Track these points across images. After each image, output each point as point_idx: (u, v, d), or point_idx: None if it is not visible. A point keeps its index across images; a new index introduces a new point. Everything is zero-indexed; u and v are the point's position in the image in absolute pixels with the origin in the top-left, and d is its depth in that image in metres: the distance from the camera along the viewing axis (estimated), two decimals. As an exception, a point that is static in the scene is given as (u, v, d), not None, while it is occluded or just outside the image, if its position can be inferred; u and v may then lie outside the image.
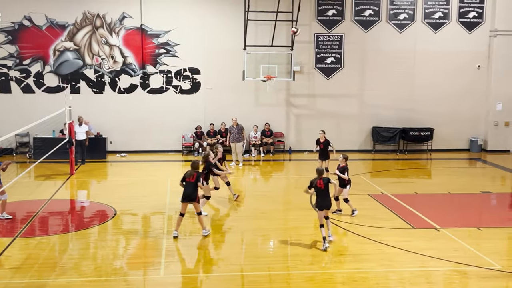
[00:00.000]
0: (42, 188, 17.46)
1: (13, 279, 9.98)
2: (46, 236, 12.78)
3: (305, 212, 14.65)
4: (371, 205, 15.54)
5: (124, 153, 23.22)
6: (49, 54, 22.88)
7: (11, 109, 22.59)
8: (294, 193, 17.21)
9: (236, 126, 21.35)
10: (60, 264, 10.84)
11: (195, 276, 10.51)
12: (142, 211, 14.70)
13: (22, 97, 22.88)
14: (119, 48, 23.17)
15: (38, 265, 10.77)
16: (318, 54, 24.13)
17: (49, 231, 13.27)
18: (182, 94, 23.73)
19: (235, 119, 21.46)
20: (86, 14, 22.87)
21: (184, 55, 23.46)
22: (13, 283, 9.84)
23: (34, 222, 13.79)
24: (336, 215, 14.26)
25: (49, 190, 17.06)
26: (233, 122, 21.47)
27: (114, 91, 23.41)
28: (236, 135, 21.31)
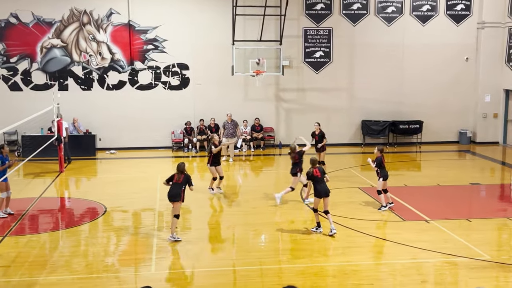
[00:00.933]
0: (31, 186, 17.35)
1: (2, 278, 9.93)
2: (37, 234, 12.72)
3: (296, 206, 14.67)
4: (361, 198, 15.59)
5: (114, 150, 23.12)
6: (36, 51, 22.71)
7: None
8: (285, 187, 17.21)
9: (231, 122, 21.29)
10: (50, 262, 10.81)
11: (186, 271, 10.51)
12: (133, 207, 14.66)
13: (10, 95, 22.70)
14: (106, 44, 23.03)
15: (29, 263, 10.72)
16: (307, 48, 24.12)
17: (39, 229, 13.21)
18: (171, 90, 23.66)
19: (230, 115, 21.40)
20: (73, 11, 22.71)
21: (172, 50, 23.37)
22: (3, 281, 9.79)
23: (24, 220, 13.72)
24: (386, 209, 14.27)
25: (38, 188, 16.97)
26: (228, 117, 21.41)
27: (103, 88, 23.29)
28: (231, 130, 21.25)
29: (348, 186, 16.69)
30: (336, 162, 20.63)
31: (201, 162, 21.49)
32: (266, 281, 10.00)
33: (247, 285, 9.81)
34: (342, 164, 20.53)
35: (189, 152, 23.16)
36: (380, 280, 10.02)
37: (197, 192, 16.30)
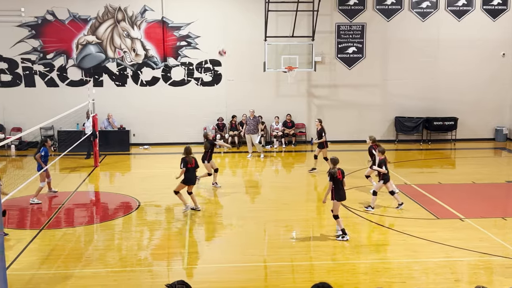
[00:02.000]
0: (67, 180, 17.69)
1: (40, 270, 10.16)
2: (72, 227, 12.97)
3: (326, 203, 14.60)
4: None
5: (147, 146, 23.39)
6: (72, 48, 23.11)
7: (36, 103, 22.90)
8: (316, 184, 17.18)
9: (253, 118, 21.27)
10: (85, 255, 11.01)
11: (218, 266, 10.58)
12: (165, 202, 14.81)
13: (46, 91, 23.17)
14: (140, 41, 23.30)
15: (64, 256, 10.94)
16: (340, 44, 23.96)
17: (74, 222, 13.47)
18: (204, 86, 23.80)
19: (252, 111, 21.39)
20: (108, 8, 23.03)
21: (205, 47, 23.49)
22: (40, 273, 10.02)
23: (60, 213, 14.00)
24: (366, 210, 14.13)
25: (74, 182, 17.30)
26: (250, 113, 21.40)
27: (137, 84, 23.57)
28: (252, 126, 21.18)
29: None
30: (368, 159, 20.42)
31: (233, 158, 21.60)
32: (297, 277, 9.99)
33: (278, 281, 9.82)
34: (374, 161, 20.31)
35: (221, 148, 23.25)
36: (413, 278, 9.92)
37: (228, 188, 16.43)
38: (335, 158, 12.13)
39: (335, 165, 11.93)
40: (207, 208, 14.50)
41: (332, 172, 11.78)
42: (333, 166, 11.93)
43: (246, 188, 16.94)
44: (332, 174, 11.77)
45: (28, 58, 22.97)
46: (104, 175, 18.79)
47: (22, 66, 22.97)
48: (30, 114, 22.43)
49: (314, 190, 16.68)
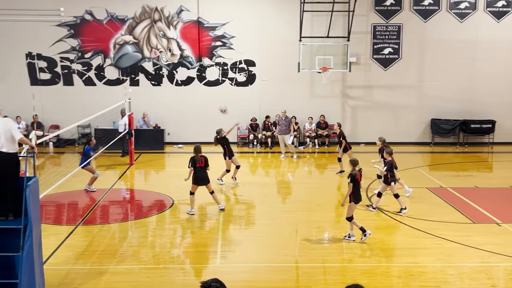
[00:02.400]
0: (103, 177, 17.95)
1: (75, 265, 10.35)
2: (107, 224, 13.18)
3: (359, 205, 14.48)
4: (429, 198, 15.22)
5: (181, 145, 23.60)
6: (109, 47, 23.50)
7: (73, 101, 23.34)
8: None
9: (285, 118, 21.18)
10: (120, 252, 11.16)
11: (251, 265, 10.60)
12: (199, 201, 14.90)
13: (84, 90, 23.60)
14: (176, 41, 23.53)
15: (99, 252, 11.13)
16: (375, 45, 23.74)
17: (109, 219, 13.68)
18: (238, 86, 23.90)
19: (284, 111, 21.29)
20: (145, 8, 23.33)
21: (239, 47, 23.58)
22: (76, 268, 10.21)
23: (96, 210, 14.25)
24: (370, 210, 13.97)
25: (109, 179, 17.58)
26: (282, 114, 21.32)
27: (172, 83, 23.82)
28: (284, 127, 21.09)
29: (416, 186, 16.31)
30: (404, 162, 20.19)
31: (266, 158, 21.63)
32: (329, 279, 9.94)
33: (310, 282, 9.79)
34: (409, 163, 20.09)
35: (254, 148, 23.33)
36: (447, 283, 9.76)
37: (262, 187, 16.46)
38: (355, 160, 12.04)
39: (355, 167, 11.82)
40: (239, 208, 14.57)
41: (353, 174, 11.67)
42: (353, 168, 11.81)
43: (278, 188, 16.95)
44: (353, 176, 11.65)
45: (67, 57, 23.44)
46: (139, 173, 19.04)
47: (61, 65, 23.45)
48: (67, 112, 22.87)
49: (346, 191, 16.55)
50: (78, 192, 15.68)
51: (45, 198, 13.42)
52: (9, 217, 8.51)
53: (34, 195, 8.50)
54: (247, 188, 16.38)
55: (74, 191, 15.75)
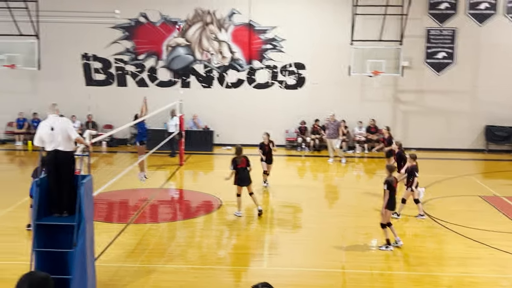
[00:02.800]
0: (153, 177, 18.29)
1: (125, 263, 10.57)
2: (156, 223, 13.41)
3: (409, 212, 14.24)
4: (482, 207, 14.80)
5: (230, 146, 23.74)
6: (162, 49, 23.92)
7: (127, 101, 23.80)
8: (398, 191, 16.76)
9: (334, 122, 20.99)
10: (168, 251, 11.33)
11: (296, 270, 10.56)
12: (246, 203, 14.96)
13: (137, 91, 24.05)
14: (227, 43, 23.73)
15: (148, 251, 11.33)
16: (429, 49, 23.28)
17: (159, 218, 13.92)
18: (287, 89, 23.89)
19: (332, 115, 21.03)
20: (197, 11, 23.64)
21: (290, 50, 23.58)
22: (126, 266, 10.42)
23: (145, 209, 14.52)
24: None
25: (159, 179, 17.88)
26: (330, 117, 21.09)
27: (222, 85, 24.03)
28: (332, 130, 20.85)
29: (468, 194, 15.90)
30: (456, 169, 19.75)
31: (314, 162, 21.53)
32: (376, 286, 9.81)
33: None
34: (462, 170, 19.61)
35: (302, 151, 23.27)
36: (500, 295, 9.48)
37: (309, 190, 16.39)
38: (392, 166, 11.89)
39: (392, 173, 11.61)
40: (286, 211, 14.55)
41: (390, 181, 11.44)
42: (389, 174, 11.58)
43: (326, 192, 16.85)
44: (390, 182, 11.42)
45: (121, 58, 23.99)
46: (188, 174, 19.30)
47: (115, 66, 24.03)
48: (120, 112, 23.35)
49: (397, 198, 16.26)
50: (129, 191, 16.01)
51: (97, 196, 13.76)
52: (64, 214, 8.78)
53: (88, 193, 8.74)
54: (294, 192, 16.34)
55: (125, 189, 16.07)
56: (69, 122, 9.15)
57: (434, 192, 16.36)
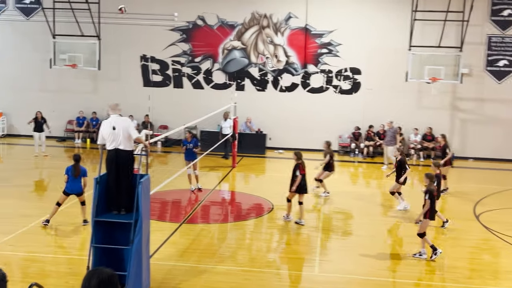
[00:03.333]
0: (206, 178, 18.52)
1: (178, 262, 10.75)
2: (208, 224, 13.58)
3: (466, 223, 13.89)
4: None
5: (282, 150, 23.78)
6: (218, 52, 24.19)
7: (182, 103, 24.24)
8: (455, 202, 16.37)
9: (391, 129, 20.65)
10: (219, 252, 11.45)
11: (347, 277, 10.47)
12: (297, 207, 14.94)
13: (192, 92, 24.46)
14: (283, 47, 23.78)
15: (200, 251, 11.48)
16: (490, 56, 22.64)
17: (210, 219, 14.09)
18: (342, 94, 23.71)
19: (390, 122, 20.73)
20: (254, 14, 23.80)
21: (346, 55, 23.41)
22: (178, 265, 10.60)
23: (198, 210, 14.72)
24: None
25: (212, 180, 18.09)
26: (387, 124, 20.82)
27: (276, 89, 24.09)
28: (389, 137, 20.57)
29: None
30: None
31: (367, 168, 21.27)
32: (429, 298, 9.62)
33: (408, 299, 9.52)
34: (521, 182, 18.95)
35: (355, 157, 23.05)
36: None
37: (362, 197, 16.20)
38: (431, 174, 11.55)
39: (432, 182, 11.31)
40: (338, 217, 14.45)
41: (431, 190, 11.15)
42: (430, 182, 11.28)
43: (378, 200, 16.61)
44: (431, 191, 11.13)
45: (178, 60, 24.42)
46: (240, 176, 19.43)
47: (172, 68, 24.48)
48: (176, 113, 23.81)
49: (453, 207, 15.89)
50: (182, 191, 16.27)
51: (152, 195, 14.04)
52: (122, 212, 9.03)
53: (146, 192, 8.96)
54: (346, 198, 16.20)
55: (178, 190, 16.34)
56: (130, 122, 9.39)
57: (492, 203, 15.89)
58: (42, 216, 12.70)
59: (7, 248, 11.16)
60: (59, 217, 12.77)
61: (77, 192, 12.70)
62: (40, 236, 12.01)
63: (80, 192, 12.71)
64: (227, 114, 21.55)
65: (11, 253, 10.97)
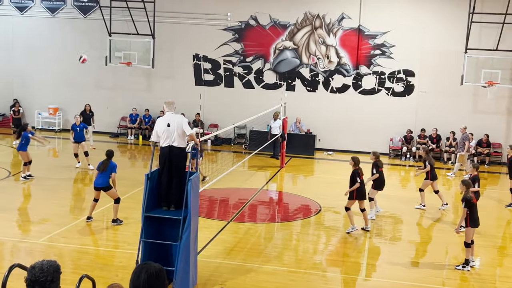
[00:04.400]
0: (254, 178, 18.61)
1: (224, 260, 10.84)
2: (255, 223, 13.63)
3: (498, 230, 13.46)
4: None
5: (331, 152, 23.61)
6: (269, 52, 24.23)
7: (233, 102, 24.40)
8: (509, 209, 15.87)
9: (463, 135, 19.91)
10: (265, 252, 11.48)
11: (396, 282, 10.29)
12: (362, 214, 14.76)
13: (243, 92, 24.58)
14: (335, 48, 23.60)
15: (247, 250, 11.55)
16: (551, 60, 21.80)
17: (257, 218, 14.14)
18: (394, 96, 23.34)
19: (463, 127, 20.01)
20: (307, 15, 23.72)
21: (399, 56, 23.01)
22: (225, 263, 10.69)
23: (245, 209, 14.80)
24: None
25: (260, 180, 18.14)
26: (461, 130, 20.11)
27: (327, 90, 23.93)
28: (460, 144, 19.94)
29: None
30: None
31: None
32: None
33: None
34: None
35: (406, 161, 22.64)
36: None
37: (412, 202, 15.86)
38: (468, 181, 11.11)
39: (468, 189, 10.86)
40: (387, 221, 14.22)
41: (468, 198, 10.70)
42: (466, 190, 10.82)
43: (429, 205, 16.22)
44: (468, 199, 10.69)
45: (230, 60, 24.59)
46: (288, 176, 19.41)
47: (223, 67, 24.68)
48: (226, 112, 23.98)
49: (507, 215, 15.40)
50: (231, 190, 16.39)
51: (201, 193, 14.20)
52: (171, 208, 9.17)
53: (195, 189, 9.07)
54: (396, 202, 15.92)
55: (227, 188, 16.46)
56: (184, 119, 9.54)
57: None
58: (95, 210, 13.01)
59: (60, 240, 11.52)
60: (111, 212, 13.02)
61: (103, 186, 12.47)
62: (92, 230, 12.34)
63: (106, 186, 12.50)
64: (277, 114, 21.56)
65: (63, 245, 11.32)
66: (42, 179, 16.61)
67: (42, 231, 12.03)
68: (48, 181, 16.60)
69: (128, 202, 13.73)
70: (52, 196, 15.01)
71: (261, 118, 20.86)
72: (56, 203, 14.22)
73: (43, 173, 17.22)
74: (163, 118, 9.38)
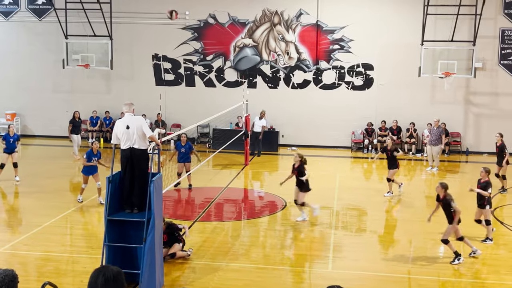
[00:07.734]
0: (219, 176, 18.57)
1: (192, 260, 10.77)
2: (221, 221, 13.60)
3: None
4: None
5: (294, 147, 23.73)
6: (230, 50, 24.18)
7: (195, 101, 24.27)
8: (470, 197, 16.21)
9: (437, 128, 19.96)
10: (232, 250, 11.47)
11: (362, 273, 10.44)
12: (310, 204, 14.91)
13: (204, 91, 24.47)
14: (294, 44, 23.71)
15: (214, 249, 11.51)
16: (504, 50, 22.40)
17: (223, 217, 14.10)
18: (354, 90, 23.60)
19: (437, 120, 20.04)
20: (265, 12, 23.75)
21: (358, 50, 23.28)
22: (192, 263, 10.63)
23: (211, 208, 14.75)
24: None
25: (225, 178, 18.10)
26: (434, 122, 20.07)
27: (288, 86, 24.03)
28: (434, 137, 19.83)
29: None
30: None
31: (380, 164, 21.14)
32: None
33: (424, 296, 9.47)
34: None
35: (368, 153, 22.94)
36: None
37: (376, 194, 16.10)
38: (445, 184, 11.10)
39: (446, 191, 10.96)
40: (351, 214, 14.39)
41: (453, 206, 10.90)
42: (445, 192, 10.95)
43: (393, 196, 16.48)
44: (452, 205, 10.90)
45: (190, 59, 24.45)
46: (253, 174, 19.42)
47: (184, 66, 24.51)
48: (188, 112, 23.84)
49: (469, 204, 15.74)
50: (195, 189, 16.30)
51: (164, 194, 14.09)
52: (134, 210, 9.06)
53: (158, 191, 8.98)
54: (360, 194, 16.12)
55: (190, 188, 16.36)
56: (143, 121, 9.43)
57: (507, 198, 15.75)
58: (56, 216, 12.75)
59: (22, 248, 11.26)
60: (76, 215, 12.81)
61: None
62: (55, 236, 12.10)
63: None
64: (263, 113, 21.71)
65: (26, 252, 11.07)
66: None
67: (3, 239, 11.74)
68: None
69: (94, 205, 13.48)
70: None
71: (224, 116, 20.81)
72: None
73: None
74: (122, 120, 9.26)
